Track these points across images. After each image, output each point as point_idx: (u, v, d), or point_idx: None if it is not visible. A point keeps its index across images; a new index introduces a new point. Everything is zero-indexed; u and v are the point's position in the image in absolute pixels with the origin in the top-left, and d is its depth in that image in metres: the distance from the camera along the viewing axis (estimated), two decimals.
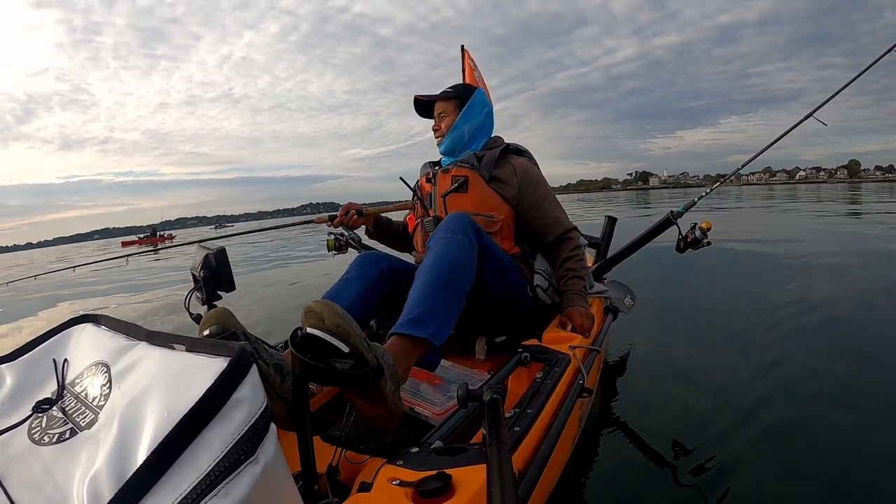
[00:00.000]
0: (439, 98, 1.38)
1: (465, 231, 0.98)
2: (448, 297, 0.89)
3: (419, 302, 0.86)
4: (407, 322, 0.83)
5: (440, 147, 1.40)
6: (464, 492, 0.58)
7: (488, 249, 1.05)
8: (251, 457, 0.39)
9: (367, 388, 0.68)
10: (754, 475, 1.13)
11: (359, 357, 0.65)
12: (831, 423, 1.35)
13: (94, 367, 0.54)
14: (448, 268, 0.91)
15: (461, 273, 0.93)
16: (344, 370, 0.63)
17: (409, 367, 0.82)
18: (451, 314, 0.89)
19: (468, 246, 0.97)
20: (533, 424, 0.78)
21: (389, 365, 0.72)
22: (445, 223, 1.01)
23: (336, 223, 1.50)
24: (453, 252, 0.94)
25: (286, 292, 4.42)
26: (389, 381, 0.71)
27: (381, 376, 0.68)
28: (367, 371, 0.65)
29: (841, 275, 3.36)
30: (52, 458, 0.47)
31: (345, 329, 0.65)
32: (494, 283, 1.11)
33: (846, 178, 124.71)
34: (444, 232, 0.98)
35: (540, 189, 1.32)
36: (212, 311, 0.80)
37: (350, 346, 0.64)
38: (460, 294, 0.92)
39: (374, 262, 1.15)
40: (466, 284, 0.94)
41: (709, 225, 1.58)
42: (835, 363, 1.77)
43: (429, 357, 0.87)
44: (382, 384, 0.68)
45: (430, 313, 0.85)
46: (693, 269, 3.76)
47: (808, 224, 7.45)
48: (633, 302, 1.75)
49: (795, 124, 1.77)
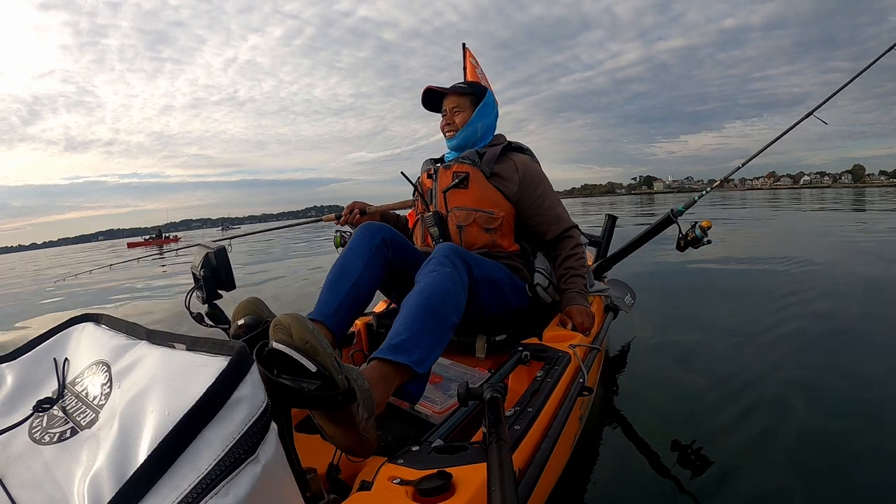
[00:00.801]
0: (455, 92, 1.36)
1: (454, 263, 0.96)
2: (434, 327, 0.85)
3: (404, 328, 0.82)
4: (389, 347, 0.79)
5: (450, 141, 1.38)
6: (464, 490, 0.58)
7: (480, 278, 1.04)
8: (252, 456, 0.39)
9: (335, 412, 0.62)
10: (754, 474, 1.13)
11: (327, 378, 0.59)
12: (833, 421, 1.34)
13: (94, 367, 0.54)
14: (436, 298, 0.88)
15: (449, 304, 0.90)
16: (309, 391, 0.58)
17: (387, 395, 0.76)
18: (437, 345, 0.86)
19: (457, 278, 0.94)
20: (533, 423, 0.78)
21: (363, 389, 0.67)
22: (435, 255, 0.98)
23: (342, 221, 1.57)
24: (441, 283, 0.91)
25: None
26: (362, 406, 0.65)
27: (353, 401, 0.62)
28: (336, 394, 0.59)
29: (845, 276, 3.35)
30: (53, 458, 0.47)
31: (313, 346, 0.59)
32: (490, 303, 1.12)
33: (850, 183, 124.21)
34: (434, 264, 0.96)
35: (541, 186, 1.32)
36: (243, 301, 0.79)
37: (318, 364, 0.59)
38: (447, 325, 0.89)
39: (376, 230, 1.12)
40: (454, 316, 0.91)
41: (709, 224, 1.58)
42: (838, 362, 1.77)
43: (410, 386, 0.81)
44: (353, 409, 0.63)
45: (413, 340, 0.81)
46: (694, 269, 3.77)
47: (815, 228, 7.44)
48: (633, 300, 1.76)
49: (796, 122, 1.78)
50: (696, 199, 1.79)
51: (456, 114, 1.36)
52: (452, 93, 1.36)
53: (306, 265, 6.21)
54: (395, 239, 1.13)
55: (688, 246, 1.61)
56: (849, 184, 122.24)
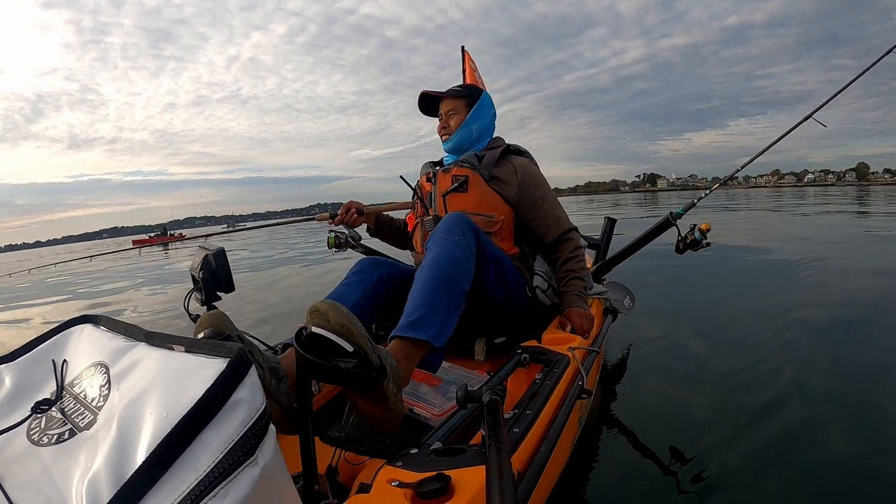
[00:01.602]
0: (449, 95, 1.37)
1: (463, 231, 0.99)
2: (448, 298, 0.89)
3: (419, 304, 0.86)
4: (407, 325, 0.83)
5: (446, 144, 1.39)
6: (463, 493, 0.58)
7: (486, 249, 1.05)
8: (250, 458, 0.39)
9: (369, 388, 0.68)
10: (753, 476, 1.13)
11: (363, 357, 0.65)
12: (834, 426, 1.34)
13: (93, 368, 0.54)
14: (447, 268, 0.91)
15: (460, 273, 0.93)
16: (348, 369, 0.64)
17: (411, 370, 0.81)
18: (452, 315, 0.89)
19: (466, 246, 0.97)
20: (532, 426, 0.78)
21: (392, 367, 0.72)
22: (443, 224, 1.01)
23: (337, 221, 1.50)
24: (451, 252, 0.94)
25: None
26: (392, 382, 0.71)
27: (385, 377, 0.68)
28: (371, 371, 0.65)
29: (848, 279, 3.35)
30: (51, 459, 0.47)
31: (349, 329, 0.65)
32: (493, 283, 1.11)
33: (855, 181, 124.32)
34: (442, 233, 0.98)
35: (540, 189, 1.32)
36: (205, 315, 0.80)
37: (354, 345, 0.65)
38: (459, 294, 0.92)
39: (373, 268, 1.14)
40: (465, 284, 0.94)
41: (708, 226, 1.59)
42: (839, 367, 1.77)
43: (430, 358, 0.87)
44: (385, 385, 0.68)
45: (430, 315, 0.85)
46: (694, 271, 3.77)
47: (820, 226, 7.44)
48: (632, 303, 1.75)
49: (794, 126, 1.78)
50: (696, 202, 1.79)
51: (451, 117, 1.36)
52: (447, 96, 1.37)
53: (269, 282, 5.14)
54: (394, 277, 1.13)
55: (687, 249, 1.61)
56: (853, 182, 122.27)
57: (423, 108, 1.43)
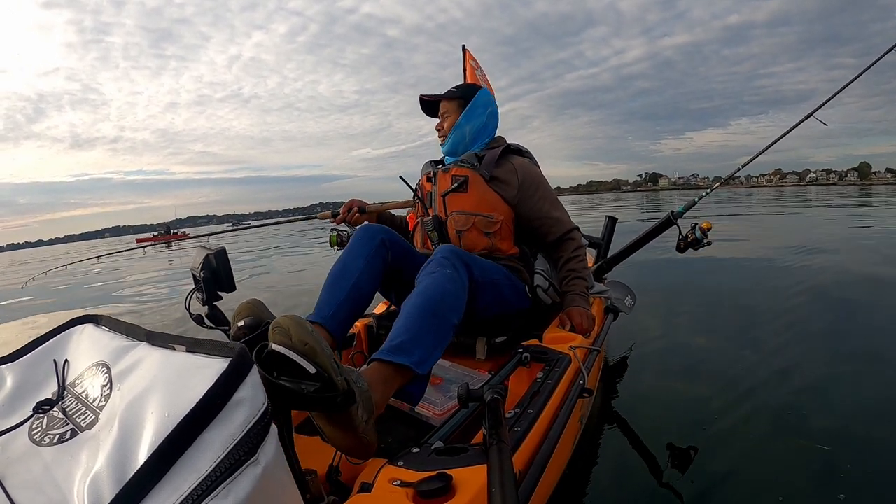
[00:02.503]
0: (443, 98, 1.38)
1: (454, 265, 0.96)
2: (434, 328, 0.85)
3: (403, 330, 0.82)
4: (389, 348, 0.79)
5: (443, 147, 1.41)
6: (464, 492, 0.58)
7: (480, 279, 1.04)
8: (252, 457, 0.39)
9: (334, 413, 0.63)
10: (755, 476, 1.13)
11: (327, 379, 0.59)
12: (836, 426, 1.34)
13: (94, 368, 0.54)
14: (436, 299, 0.88)
15: (449, 305, 0.90)
16: (308, 392, 0.58)
17: (386, 396, 0.76)
18: (437, 346, 0.85)
19: (458, 280, 0.94)
20: (533, 425, 0.78)
21: (362, 391, 0.67)
22: (436, 256, 0.98)
23: (339, 220, 1.52)
24: (442, 284, 0.91)
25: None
26: (362, 408, 0.65)
27: (352, 402, 0.62)
28: (335, 396, 0.60)
29: (849, 277, 3.34)
30: (53, 459, 0.47)
31: (312, 348, 0.59)
32: (490, 306, 1.12)
33: (856, 181, 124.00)
34: (434, 265, 0.95)
35: (540, 189, 1.32)
36: (244, 303, 0.79)
37: (317, 366, 0.59)
38: (448, 326, 0.89)
39: (375, 231, 1.12)
40: (454, 317, 0.91)
41: (709, 225, 1.59)
42: (842, 365, 1.76)
43: (411, 387, 0.81)
44: (353, 411, 0.63)
45: (414, 341, 0.80)
46: (694, 270, 3.77)
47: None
48: (633, 302, 1.75)
49: (795, 125, 1.78)
50: (696, 201, 1.79)
51: (445, 119, 1.38)
52: (442, 99, 1.38)
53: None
54: (393, 240, 1.13)
55: (688, 247, 1.61)
56: (855, 181, 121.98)
57: (426, 111, 1.44)
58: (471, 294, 0.99)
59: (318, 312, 0.95)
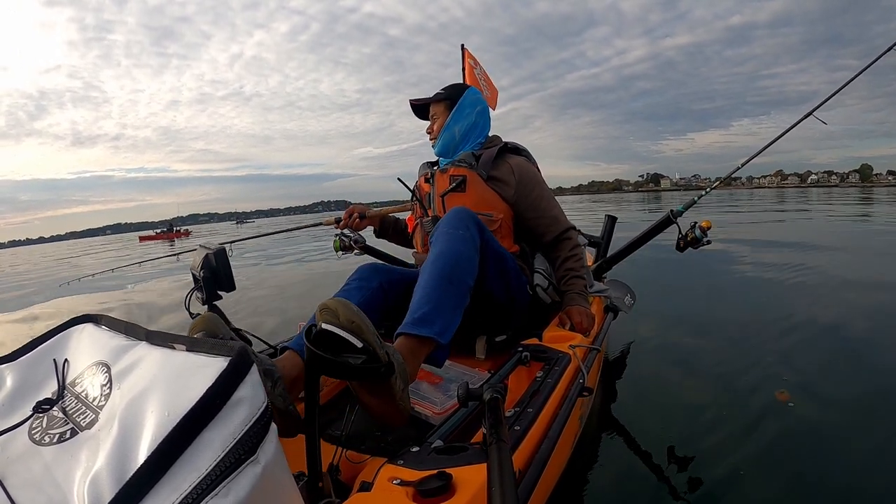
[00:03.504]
0: (431, 101, 1.39)
1: (467, 225, 0.99)
2: (452, 294, 0.89)
3: (424, 300, 0.86)
4: (412, 322, 0.83)
5: (434, 149, 1.41)
6: (464, 491, 0.58)
7: (489, 244, 1.06)
8: (252, 456, 0.39)
9: (377, 384, 0.69)
10: (754, 475, 1.13)
11: (371, 353, 0.66)
12: (837, 426, 1.34)
13: (94, 367, 0.54)
14: (451, 263, 0.91)
15: (464, 268, 0.93)
16: (357, 364, 0.65)
17: (417, 366, 0.82)
18: (456, 311, 0.90)
19: (469, 240, 0.97)
20: (533, 424, 0.78)
21: (400, 363, 0.73)
22: (446, 218, 1.01)
23: (341, 226, 1.56)
24: (455, 247, 0.94)
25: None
26: (399, 378, 0.71)
27: (392, 373, 0.69)
28: (379, 367, 0.66)
29: (848, 276, 3.34)
30: (53, 459, 0.47)
31: (359, 325, 0.66)
32: (495, 279, 1.11)
33: (858, 183, 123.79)
34: (446, 227, 0.98)
35: (537, 188, 1.32)
36: (197, 319, 0.80)
37: (363, 342, 0.65)
38: (464, 289, 0.92)
39: (373, 274, 1.13)
40: (469, 279, 0.94)
41: (709, 224, 1.58)
42: (842, 366, 1.76)
43: (436, 354, 0.87)
44: (393, 381, 0.69)
45: (435, 311, 0.85)
46: (694, 269, 3.77)
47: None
48: (633, 301, 1.76)
49: (795, 123, 1.78)
50: (696, 200, 1.79)
51: (434, 121, 1.39)
52: (431, 102, 1.39)
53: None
54: (393, 282, 1.13)
55: (687, 246, 1.61)
56: (856, 183, 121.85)
57: (419, 115, 1.45)
58: (481, 258, 1.01)
59: (295, 341, 0.90)
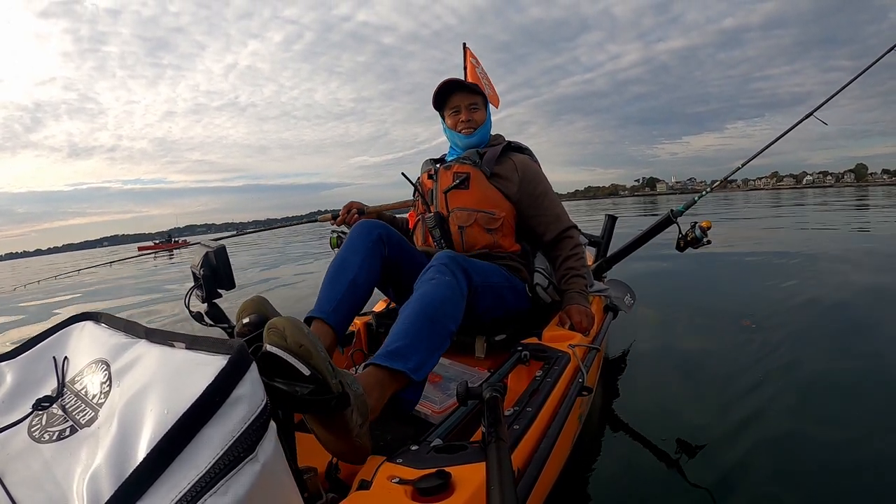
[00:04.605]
0: (473, 90, 1.35)
1: (453, 271, 0.96)
2: (432, 333, 0.85)
3: (401, 335, 0.82)
4: (385, 353, 0.79)
5: (469, 138, 1.36)
6: (463, 490, 0.58)
7: (480, 286, 1.04)
8: (251, 454, 0.39)
9: (328, 416, 0.62)
10: (754, 474, 1.13)
11: (321, 382, 0.58)
12: (836, 424, 1.34)
13: (93, 365, 0.54)
14: (434, 305, 0.88)
15: (447, 312, 0.90)
16: (303, 395, 0.57)
17: (382, 401, 0.76)
18: (434, 352, 0.85)
19: (455, 286, 0.94)
20: (532, 423, 0.78)
21: (357, 395, 0.66)
22: (434, 263, 0.98)
23: (339, 221, 1.54)
24: (440, 291, 0.91)
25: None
26: (356, 412, 0.64)
27: (346, 406, 0.61)
28: (330, 399, 0.58)
29: (846, 275, 3.34)
30: (52, 456, 0.47)
31: (307, 350, 0.58)
32: (491, 309, 1.13)
33: (853, 183, 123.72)
34: (433, 272, 0.95)
35: (540, 186, 1.32)
36: (248, 300, 0.80)
37: (311, 368, 0.58)
38: (445, 333, 0.88)
39: (372, 227, 1.13)
40: (452, 325, 0.91)
41: (708, 224, 1.59)
42: (841, 363, 1.76)
43: (406, 394, 0.81)
44: (347, 415, 0.62)
45: (411, 347, 0.80)
46: (694, 269, 3.77)
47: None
48: (633, 300, 1.76)
49: (795, 124, 1.78)
50: (696, 200, 1.79)
51: (474, 111, 1.35)
52: (470, 91, 1.35)
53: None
54: (390, 235, 1.13)
55: (687, 246, 1.61)
56: (852, 183, 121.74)
57: (440, 97, 1.39)
58: (470, 300, 1.00)
59: (318, 308, 0.96)
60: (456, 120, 1.36)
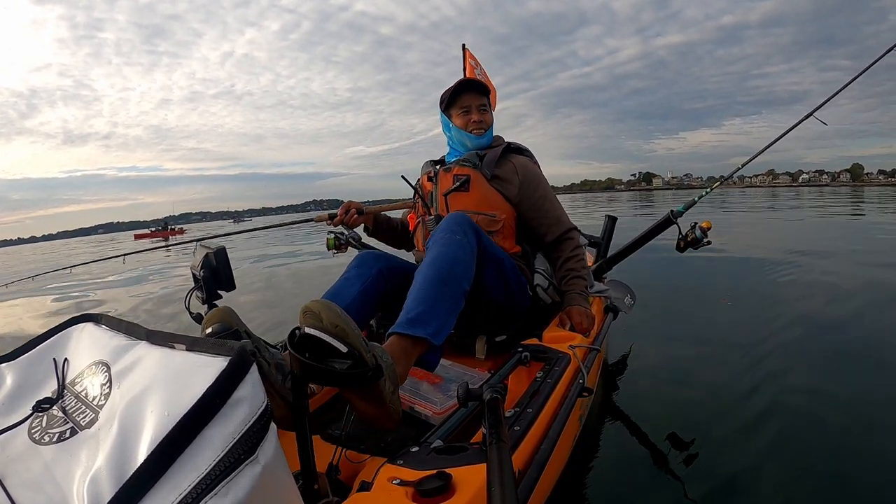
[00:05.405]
0: (485, 91, 1.36)
1: (464, 231, 0.99)
2: (447, 296, 0.89)
3: (418, 301, 0.86)
4: (406, 321, 0.83)
5: (480, 139, 1.35)
6: (464, 491, 0.58)
7: (487, 249, 1.05)
8: (251, 456, 0.39)
9: (365, 388, 0.67)
10: (754, 474, 1.13)
11: (357, 357, 0.64)
12: (834, 424, 1.34)
13: (94, 367, 0.54)
14: (447, 267, 0.91)
15: (460, 272, 0.93)
16: (342, 370, 0.63)
17: (408, 367, 0.81)
18: (451, 313, 0.89)
19: (467, 245, 0.97)
20: (533, 424, 0.78)
21: (388, 365, 0.72)
22: (444, 224, 1.01)
23: (336, 222, 1.46)
24: (452, 251, 0.94)
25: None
26: (388, 381, 0.70)
27: (380, 376, 0.67)
28: (365, 371, 0.65)
29: (844, 275, 3.34)
30: (53, 458, 0.47)
31: (343, 329, 0.64)
32: (494, 284, 1.11)
33: (849, 182, 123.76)
34: (443, 232, 0.98)
35: (541, 188, 1.32)
36: (214, 311, 0.80)
37: (348, 345, 0.64)
38: (459, 293, 0.92)
39: (373, 261, 1.14)
40: (465, 283, 0.94)
41: (709, 224, 1.58)
42: (839, 364, 1.77)
43: (428, 356, 0.86)
44: (381, 384, 0.68)
45: (429, 312, 0.84)
46: (695, 268, 3.76)
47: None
48: (633, 301, 1.75)
49: (795, 124, 1.77)
50: (696, 200, 1.79)
51: (484, 112, 1.35)
52: (482, 92, 1.35)
53: None
54: (393, 268, 1.13)
55: (688, 247, 1.60)
56: (847, 182, 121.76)
57: (451, 97, 1.36)
58: (479, 266, 1.01)
59: None
60: (466, 120, 1.35)
